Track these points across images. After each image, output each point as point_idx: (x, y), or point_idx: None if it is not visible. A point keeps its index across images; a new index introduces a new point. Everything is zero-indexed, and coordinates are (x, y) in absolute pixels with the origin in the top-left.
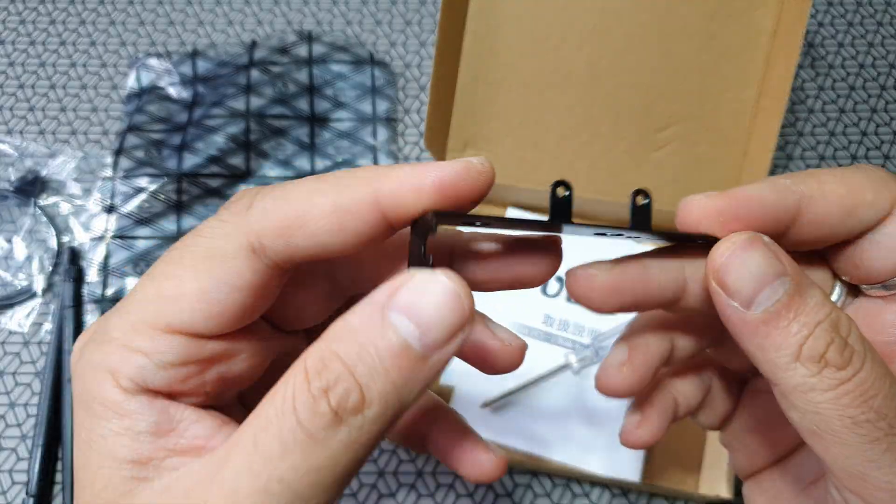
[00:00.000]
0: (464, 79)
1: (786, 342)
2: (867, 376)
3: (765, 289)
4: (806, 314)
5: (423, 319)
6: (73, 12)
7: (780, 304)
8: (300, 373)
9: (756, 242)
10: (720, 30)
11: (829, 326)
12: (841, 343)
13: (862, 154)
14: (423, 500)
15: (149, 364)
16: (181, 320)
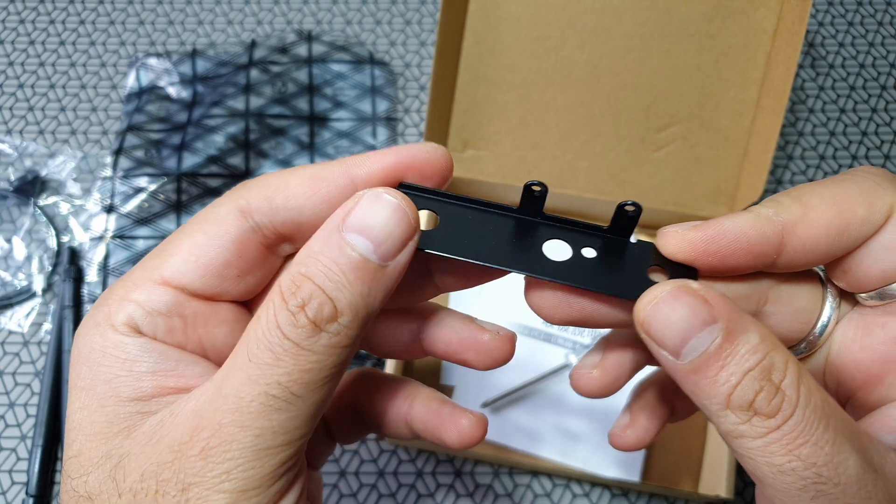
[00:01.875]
0: (464, 78)
1: (714, 391)
2: (797, 424)
3: (691, 339)
4: (735, 362)
5: (375, 234)
6: (73, 12)
7: (707, 354)
8: (277, 296)
9: (681, 294)
10: (721, 30)
11: (759, 374)
12: (771, 390)
13: (862, 154)
14: (423, 500)
15: (139, 311)
16: (171, 272)
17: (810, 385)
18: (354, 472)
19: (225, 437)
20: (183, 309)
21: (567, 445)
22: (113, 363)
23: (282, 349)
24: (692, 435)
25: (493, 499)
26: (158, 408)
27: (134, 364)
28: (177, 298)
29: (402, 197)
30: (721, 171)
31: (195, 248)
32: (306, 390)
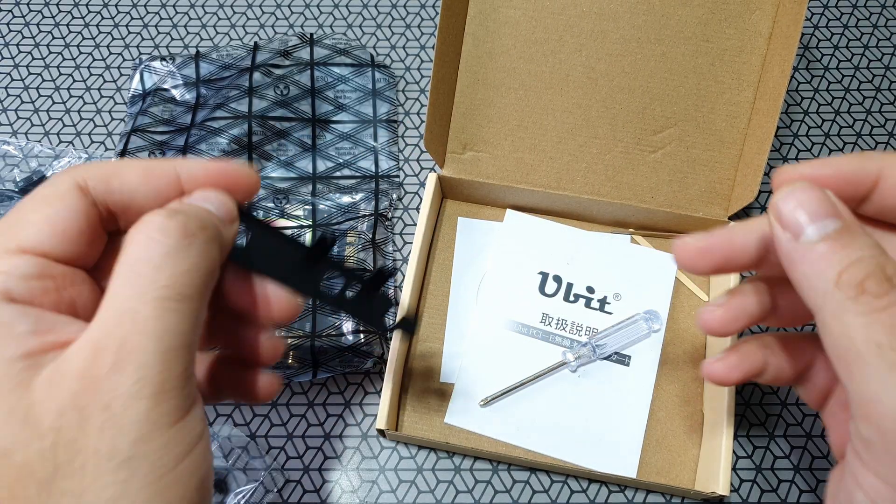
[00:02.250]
0: (463, 81)
1: (828, 268)
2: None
3: (815, 222)
4: (852, 248)
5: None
6: (77, 15)
7: (829, 236)
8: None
9: (814, 189)
10: (716, 33)
11: (871, 262)
12: (881, 276)
13: None
14: (423, 496)
15: (9, 278)
16: (31, 242)
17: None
18: (355, 469)
19: (130, 348)
20: (51, 270)
21: (565, 442)
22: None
23: (161, 256)
24: (689, 431)
25: (493, 494)
26: (47, 361)
27: (12, 327)
28: (42, 263)
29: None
30: (716, 172)
31: (47, 219)
32: (190, 289)
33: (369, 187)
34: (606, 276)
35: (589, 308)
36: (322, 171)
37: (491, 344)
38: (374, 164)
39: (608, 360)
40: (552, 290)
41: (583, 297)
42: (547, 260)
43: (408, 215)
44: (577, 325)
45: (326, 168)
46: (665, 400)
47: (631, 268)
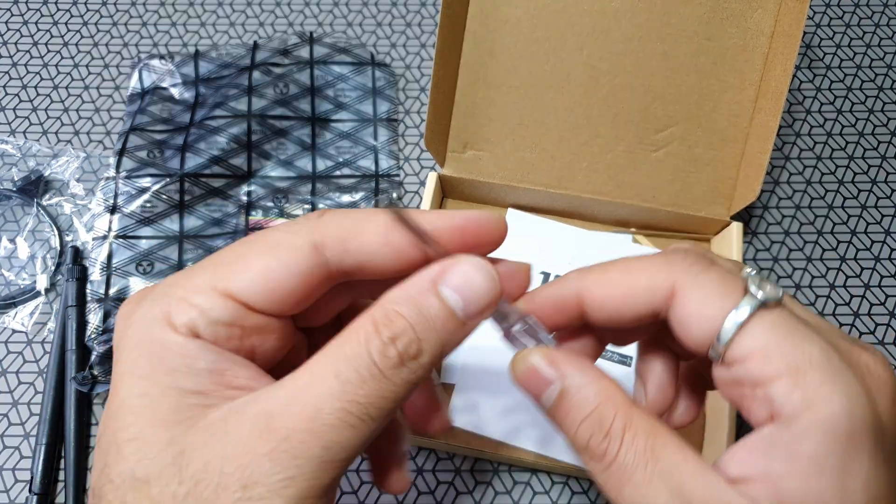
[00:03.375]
0: (464, 80)
1: (566, 432)
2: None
3: (544, 391)
4: (573, 413)
5: (467, 294)
6: (76, 13)
7: (554, 405)
8: (369, 325)
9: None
10: (718, 32)
11: (590, 422)
12: (600, 435)
13: (859, 154)
14: (423, 497)
15: (202, 318)
16: (240, 289)
17: (637, 430)
18: (355, 470)
19: (296, 443)
20: (243, 321)
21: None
22: (174, 357)
23: (368, 373)
24: (688, 431)
25: (493, 496)
26: (219, 402)
27: (194, 361)
28: (239, 311)
29: (494, 269)
30: (719, 171)
31: (267, 272)
32: (378, 414)
33: (369, 187)
34: None
35: None
36: (322, 171)
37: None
38: (374, 164)
39: (609, 361)
40: None
41: None
42: (548, 260)
43: None
44: None
45: (326, 167)
46: None
47: None
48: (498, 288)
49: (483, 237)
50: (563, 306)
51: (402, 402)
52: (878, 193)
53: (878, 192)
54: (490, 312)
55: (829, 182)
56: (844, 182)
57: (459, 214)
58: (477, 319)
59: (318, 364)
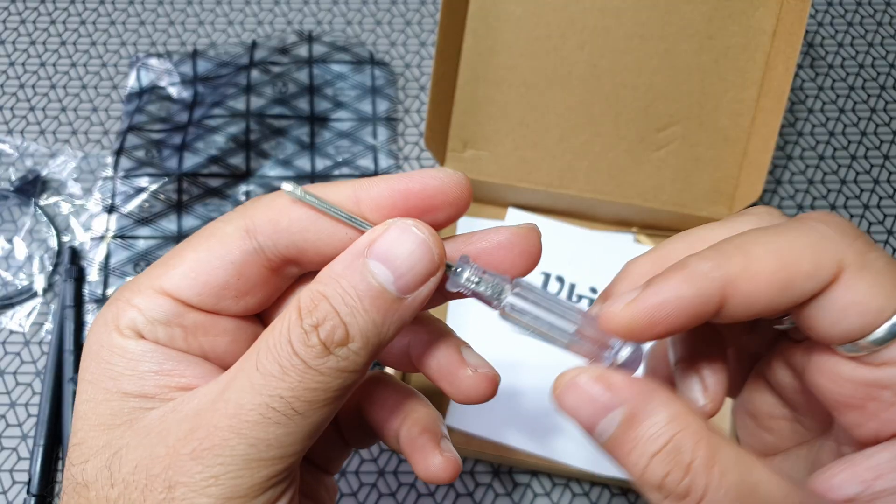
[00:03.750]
0: (464, 78)
1: (630, 469)
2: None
3: (600, 421)
4: (641, 445)
5: (397, 266)
6: (74, 12)
7: (616, 436)
8: (294, 310)
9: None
10: (720, 30)
11: (665, 456)
12: (679, 472)
13: (861, 153)
14: (422, 500)
15: (140, 317)
16: (171, 284)
17: (726, 464)
18: (354, 472)
19: (218, 441)
20: (182, 319)
21: (567, 445)
22: (118, 361)
23: (290, 364)
24: None
25: (493, 498)
26: (161, 404)
27: (138, 363)
28: (176, 309)
29: (429, 232)
30: (720, 170)
31: (197, 265)
32: (307, 408)
33: None
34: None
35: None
36: (321, 170)
37: (492, 345)
38: (373, 163)
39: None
40: (555, 290)
41: (586, 297)
42: (549, 260)
43: None
44: None
45: (325, 167)
46: None
47: None
48: (435, 254)
49: (435, 200)
50: (700, 312)
51: (341, 392)
52: (881, 193)
53: (881, 192)
54: (433, 283)
55: (832, 181)
56: (847, 181)
57: (402, 177)
58: (417, 293)
59: (245, 357)
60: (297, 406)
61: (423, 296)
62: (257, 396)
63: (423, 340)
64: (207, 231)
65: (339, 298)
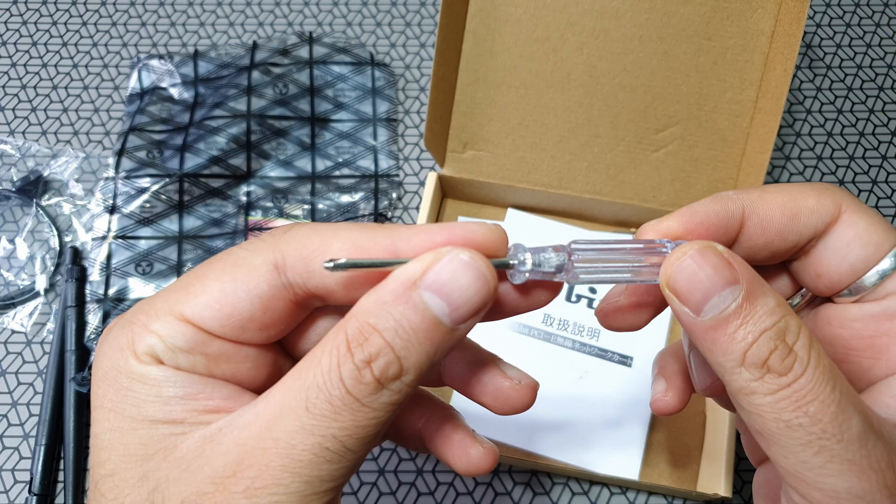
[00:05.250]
0: (463, 80)
1: (731, 348)
2: (806, 382)
3: (713, 297)
4: (753, 322)
5: (453, 298)
6: (75, 13)
7: (728, 312)
8: (342, 344)
9: (707, 252)
10: (718, 32)
11: (774, 334)
12: (784, 350)
13: (859, 154)
14: (423, 499)
15: (160, 344)
16: (194, 313)
17: (819, 349)
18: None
19: (272, 480)
20: (205, 347)
21: (566, 444)
22: (140, 388)
23: (342, 403)
24: (691, 433)
25: (493, 497)
26: (192, 430)
27: (162, 389)
28: (198, 337)
29: (485, 262)
30: (719, 171)
31: (222, 296)
32: (359, 444)
33: (369, 187)
34: None
35: (591, 308)
36: (321, 171)
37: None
38: (373, 164)
39: (610, 362)
40: None
41: (585, 297)
42: None
43: (408, 215)
44: (579, 326)
45: (326, 167)
46: None
47: None
48: (490, 284)
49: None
50: (727, 224)
51: (388, 423)
52: (879, 193)
53: (879, 193)
54: (484, 312)
55: (830, 182)
56: (845, 182)
57: (442, 229)
58: (469, 323)
59: (288, 390)
60: (350, 444)
61: (474, 324)
62: (310, 437)
63: (459, 357)
64: (232, 259)
65: (393, 332)
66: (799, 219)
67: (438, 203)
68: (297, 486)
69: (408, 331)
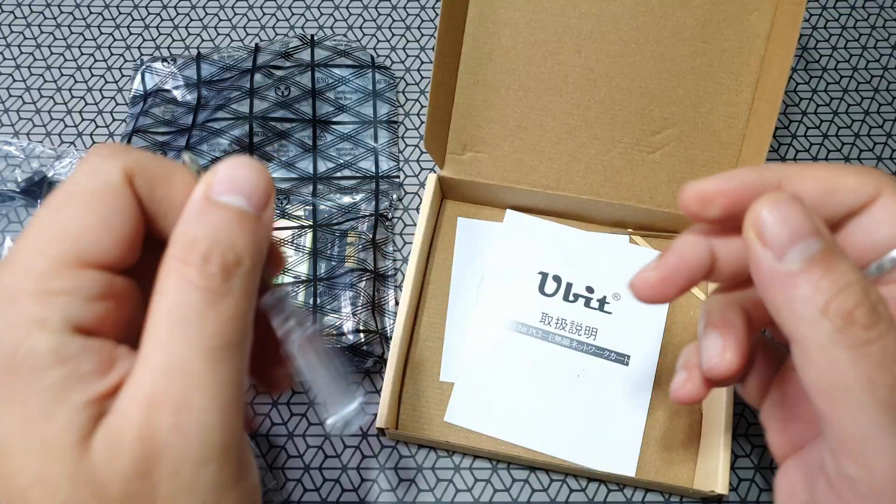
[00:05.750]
0: (463, 82)
1: (815, 295)
2: (892, 342)
3: (800, 242)
4: (838, 273)
5: (245, 189)
6: (79, 16)
7: (814, 258)
8: (175, 262)
9: (795, 202)
10: (715, 34)
11: (859, 290)
12: (870, 305)
13: (855, 156)
14: (423, 495)
15: (76, 301)
16: (94, 251)
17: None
18: (356, 468)
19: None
20: (114, 287)
21: (565, 441)
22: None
23: (203, 302)
24: (687, 430)
25: (492, 493)
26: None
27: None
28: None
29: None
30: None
31: (105, 225)
32: (236, 335)
33: (370, 188)
34: (606, 275)
35: (588, 308)
36: (323, 172)
37: (491, 343)
38: (374, 165)
39: (607, 360)
40: (552, 289)
41: (582, 296)
42: (546, 260)
43: (408, 216)
44: (577, 325)
45: (327, 169)
46: (664, 399)
47: (630, 268)
48: (266, 172)
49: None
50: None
51: (251, 314)
52: None
53: None
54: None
55: None
56: None
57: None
58: (268, 210)
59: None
60: (229, 336)
61: (272, 211)
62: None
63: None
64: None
65: (214, 231)
66: (835, 195)
67: (438, 204)
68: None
69: (225, 227)
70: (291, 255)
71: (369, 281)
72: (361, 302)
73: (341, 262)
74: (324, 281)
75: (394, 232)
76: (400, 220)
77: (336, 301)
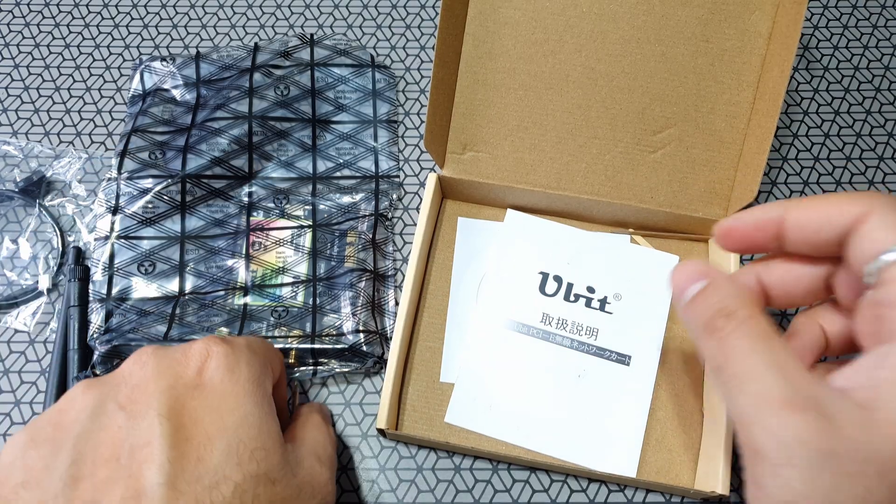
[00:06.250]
0: (463, 82)
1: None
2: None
3: (689, 287)
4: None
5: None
6: (77, 15)
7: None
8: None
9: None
10: (716, 33)
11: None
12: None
13: (857, 155)
14: (423, 495)
15: None
16: None
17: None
18: (356, 468)
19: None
20: None
21: (565, 441)
22: None
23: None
24: (688, 431)
25: (493, 494)
26: None
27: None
28: None
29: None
30: (716, 172)
31: None
32: None
33: (369, 187)
34: (607, 275)
35: (589, 308)
36: (322, 172)
37: (491, 344)
38: (374, 165)
39: (608, 360)
40: (552, 289)
41: (583, 296)
42: (547, 260)
43: (408, 215)
44: (578, 325)
45: (327, 168)
46: (665, 399)
47: (631, 267)
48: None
49: None
50: (765, 225)
51: None
52: None
53: None
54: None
55: (827, 183)
56: (842, 183)
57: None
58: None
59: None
60: None
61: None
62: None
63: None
64: None
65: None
66: (831, 218)
67: (438, 204)
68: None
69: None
70: (291, 256)
71: (369, 281)
72: (361, 302)
73: (341, 262)
74: (323, 281)
75: (394, 232)
76: (400, 219)
77: (336, 301)
